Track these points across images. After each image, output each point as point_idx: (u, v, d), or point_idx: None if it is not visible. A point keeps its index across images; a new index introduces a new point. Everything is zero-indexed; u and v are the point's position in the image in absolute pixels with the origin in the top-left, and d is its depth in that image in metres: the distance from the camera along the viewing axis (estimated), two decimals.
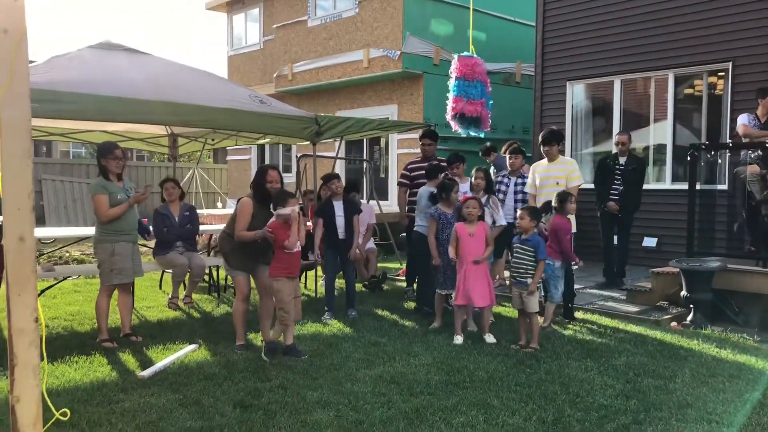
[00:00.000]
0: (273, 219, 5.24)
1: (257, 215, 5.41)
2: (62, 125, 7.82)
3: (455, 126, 9.15)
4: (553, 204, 6.47)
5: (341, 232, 6.85)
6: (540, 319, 6.07)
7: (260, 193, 5.47)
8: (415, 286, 7.55)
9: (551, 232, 6.33)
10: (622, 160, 8.01)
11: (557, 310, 6.54)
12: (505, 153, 8.58)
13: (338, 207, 6.87)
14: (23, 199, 2.46)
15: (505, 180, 7.79)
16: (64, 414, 2.65)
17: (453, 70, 9.08)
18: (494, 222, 6.87)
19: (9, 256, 2.44)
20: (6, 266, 2.46)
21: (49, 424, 2.59)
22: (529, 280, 5.66)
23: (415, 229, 7.10)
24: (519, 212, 5.99)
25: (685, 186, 8.76)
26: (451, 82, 9.06)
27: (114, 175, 5.76)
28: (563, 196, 6.44)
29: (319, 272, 8.93)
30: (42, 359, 2.52)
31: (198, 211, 8.39)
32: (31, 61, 2.60)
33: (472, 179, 6.96)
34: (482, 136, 9.56)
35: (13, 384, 2.42)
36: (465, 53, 9.15)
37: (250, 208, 5.42)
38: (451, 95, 9.05)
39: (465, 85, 8.90)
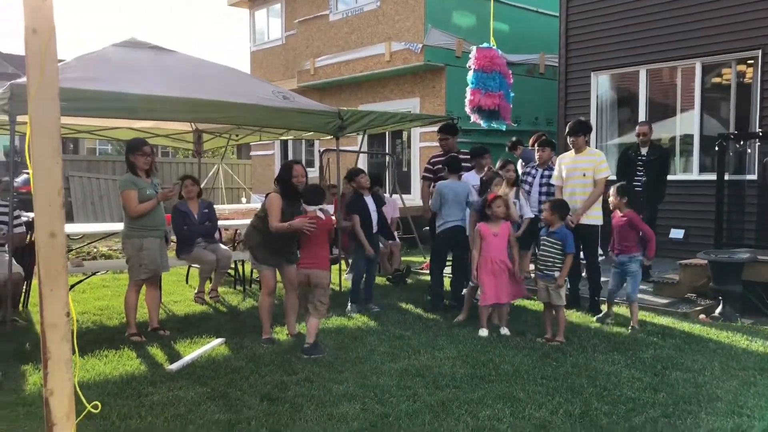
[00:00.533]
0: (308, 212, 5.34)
1: (284, 210, 5.44)
2: (89, 123, 7.94)
3: (476, 118, 9.06)
4: (614, 200, 6.22)
5: (376, 226, 6.91)
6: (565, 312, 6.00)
7: (286, 188, 5.51)
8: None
9: (623, 227, 6.07)
10: (644, 150, 7.92)
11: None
12: (533, 145, 8.51)
13: (370, 201, 6.92)
14: (53, 195, 2.49)
15: (532, 171, 7.73)
16: (95, 407, 2.69)
17: (471, 62, 8.98)
18: (521, 215, 6.82)
19: (41, 251, 2.48)
20: (38, 262, 2.50)
21: (81, 416, 2.62)
22: (557, 274, 5.62)
23: (448, 225, 6.85)
24: (544, 205, 5.95)
25: (713, 176, 8.64)
26: (470, 75, 8.96)
27: (142, 171, 5.79)
28: (623, 190, 6.23)
29: (343, 266, 8.98)
30: (73, 353, 2.56)
31: (222, 206, 8.49)
32: (60, 60, 2.63)
33: (501, 173, 6.81)
34: (504, 128, 9.46)
35: (47, 377, 2.46)
36: (485, 45, 9.05)
37: (280, 201, 5.46)
38: (469, 87, 8.96)
39: (483, 77, 8.79)
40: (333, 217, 7.26)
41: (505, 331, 5.87)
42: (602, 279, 6.86)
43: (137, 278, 5.81)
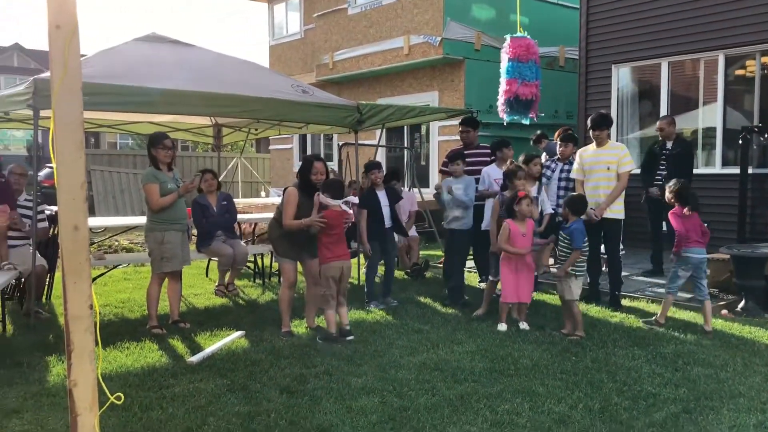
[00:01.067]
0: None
1: (302, 205, 5.47)
2: (110, 117, 8.01)
3: (502, 113, 8.88)
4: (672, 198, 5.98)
5: (388, 221, 6.87)
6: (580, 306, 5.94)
7: (305, 183, 5.53)
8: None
9: (682, 224, 5.85)
10: (669, 144, 7.82)
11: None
12: (556, 139, 8.45)
13: (382, 196, 6.88)
14: (77, 189, 2.52)
15: (552, 165, 7.67)
16: (118, 398, 2.73)
17: (505, 52, 8.75)
18: (541, 210, 6.77)
19: (64, 244, 2.51)
20: (62, 255, 2.53)
21: (105, 407, 2.66)
22: (569, 269, 5.61)
23: (463, 225, 6.88)
24: (563, 200, 5.92)
25: (736, 170, 8.53)
26: (504, 65, 8.73)
27: (164, 164, 5.83)
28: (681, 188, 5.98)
29: (362, 260, 8.99)
30: (96, 345, 2.59)
31: (241, 200, 8.55)
32: (82, 55, 2.66)
33: (526, 166, 6.69)
34: (527, 122, 9.32)
35: (71, 369, 2.50)
36: (518, 34, 8.84)
37: (296, 197, 5.48)
38: (503, 78, 8.71)
39: (519, 66, 8.60)
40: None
41: (524, 326, 5.85)
42: (623, 274, 6.81)
43: (159, 271, 5.84)
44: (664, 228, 7.96)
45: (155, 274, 5.87)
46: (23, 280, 6.35)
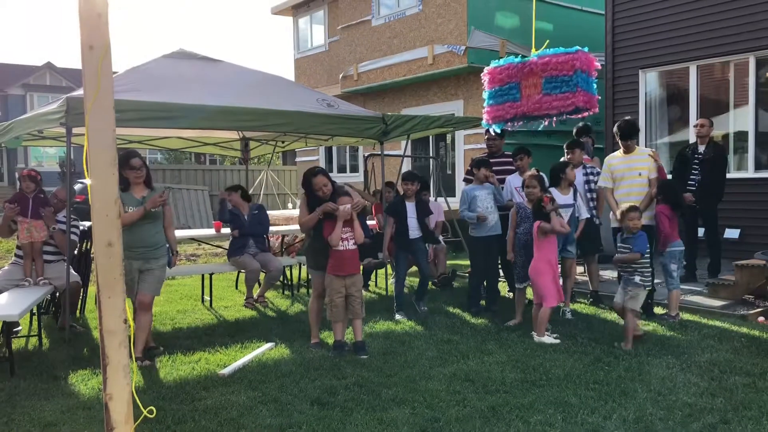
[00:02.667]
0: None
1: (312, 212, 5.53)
2: (140, 133, 8.15)
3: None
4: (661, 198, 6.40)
5: (413, 232, 6.84)
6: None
7: (311, 198, 5.57)
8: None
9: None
10: (701, 149, 7.70)
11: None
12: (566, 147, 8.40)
13: (410, 208, 6.86)
14: (110, 205, 2.57)
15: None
16: (150, 411, 2.76)
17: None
18: (578, 216, 6.73)
19: (98, 260, 2.56)
20: (96, 270, 2.58)
21: (139, 420, 2.70)
22: (638, 278, 5.56)
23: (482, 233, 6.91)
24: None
25: None
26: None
27: (136, 185, 5.43)
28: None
29: (389, 270, 8.99)
30: (130, 359, 2.63)
31: (269, 212, 8.69)
32: (114, 72, 2.72)
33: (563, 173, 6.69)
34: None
35: (106, 382, 2.54)
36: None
37: (305, 204, 5.59)
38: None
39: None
40: (372, 222, 7.34)
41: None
42: (655, 281, 6.70)
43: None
44: (700, 234, 7.83)
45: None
46: (58, 295, 6.46)
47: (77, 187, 17.06)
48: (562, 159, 7.39)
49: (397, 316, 6.69)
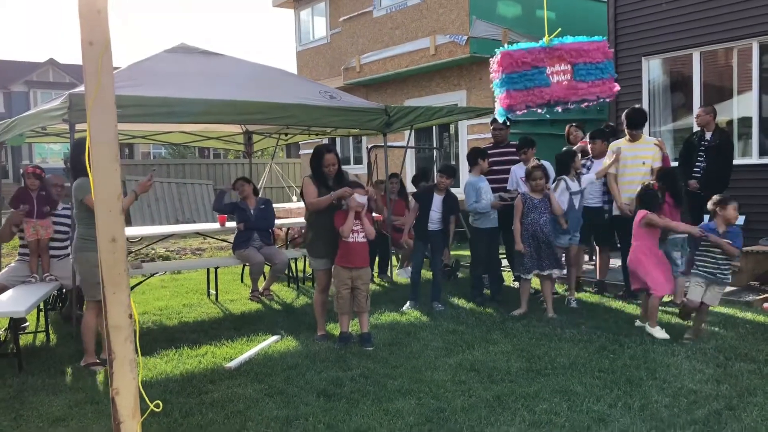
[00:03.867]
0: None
1: (320, 195, 5.53)
2: (143, 128, 8.16)
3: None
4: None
5: (433, 225, 6.78)
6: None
7: (317, 174, 5.58)
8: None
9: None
10: (708, 135, 7.66)
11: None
12: (567, 136, 8.39)
13: (437, 200, 6.76)
14: (113, 201, 2.58)
15: (588, 163, 7.47)
16: (157, 405, 2.78)
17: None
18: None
19: (102, 256, 2.57)
20: (100, 266, 2.59)
21: (146, 414, 2.72)
22: (729, 277, 5.32)
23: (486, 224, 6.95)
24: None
25: None
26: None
27: None
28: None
29: (394, 262, 9.01)
30: (136, 353, 2.64)
31: (275, 205, 8.70)
32: (114, 68, 2.72)
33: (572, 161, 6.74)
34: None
35: (113, 377, 2.56)
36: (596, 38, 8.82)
37: (311, 182, 5.55)
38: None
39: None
40: (376, 214, 7.34)
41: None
42: None
43: (96, 298, 4.81)
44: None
45: (94, 302, 4.97)
46: (65, 291, 6.49)
47: None
48: (564, 148, 7.38)
49: (406, 306, 6.69)
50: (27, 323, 6.25)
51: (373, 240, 5.64)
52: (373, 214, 6.56)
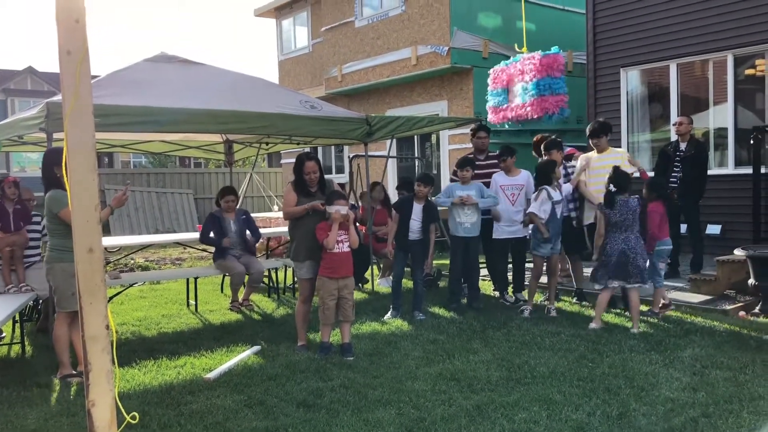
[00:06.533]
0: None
1: (300, 203, 5.52)
2: (122, 137, 8.10)
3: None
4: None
5: (413, 234, 6.78)
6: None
7: (299, 182, 5.58)
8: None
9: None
10: (683, 146, 7.78)
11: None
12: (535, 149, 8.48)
13: (416, 210, 6.76)
14: (90, 211, 2.56)
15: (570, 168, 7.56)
16: (134, 417, 2.75)
17: (534, 69, 9.19)
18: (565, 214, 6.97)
19: (79, 267, 2.55)
20: (77, 277, 2.56)
21: (123, 426, 2.69)
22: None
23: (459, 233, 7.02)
24: None
25: (749, 170, 8.46)
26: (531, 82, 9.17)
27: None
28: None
29: (376, 271, 9.00)
30: (113, 364, 2.61)
31: (254, 215, 8.64)
32: (94, 77, 2.70)
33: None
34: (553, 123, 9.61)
35: (89, 389, 2.53)
36: (553, 50, 9.30)
37: (292, 189, 5.57)
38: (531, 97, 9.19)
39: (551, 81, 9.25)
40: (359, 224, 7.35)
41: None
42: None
43: (70, 309, 4.84)
44: (682, 230, 7.90)
45: (65, 313, 4.93)
46: (41, 302, 6.41)
47: None
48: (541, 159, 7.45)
49: (387, 316, 6.69)
50: (3, 334, 6.16)
51: (356, 249, 5.64)
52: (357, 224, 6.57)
